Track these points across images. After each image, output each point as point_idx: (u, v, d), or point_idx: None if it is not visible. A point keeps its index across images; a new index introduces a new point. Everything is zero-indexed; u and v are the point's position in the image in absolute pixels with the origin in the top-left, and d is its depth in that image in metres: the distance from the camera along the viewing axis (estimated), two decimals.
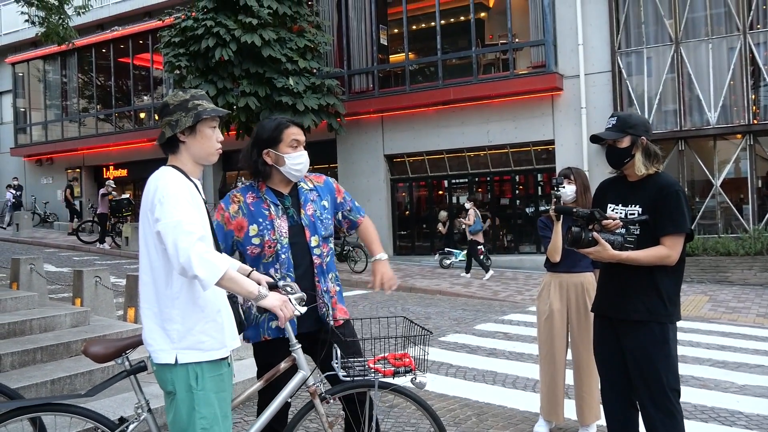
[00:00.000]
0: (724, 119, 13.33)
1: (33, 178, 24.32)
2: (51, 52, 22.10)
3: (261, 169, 2.98)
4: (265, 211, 2.96)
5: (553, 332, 4.21)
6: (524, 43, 15.31)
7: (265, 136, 2.98)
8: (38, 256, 8.50)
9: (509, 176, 16.07)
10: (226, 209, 2.99)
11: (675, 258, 2.91)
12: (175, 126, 2.44)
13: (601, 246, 2.88)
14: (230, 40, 13.27)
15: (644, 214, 2.95)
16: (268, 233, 2.92)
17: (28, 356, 5.01)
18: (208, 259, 2.23)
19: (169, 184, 2.34)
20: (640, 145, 3.00)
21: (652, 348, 2.93)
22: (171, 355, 2.36)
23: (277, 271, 2.91)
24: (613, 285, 3.07)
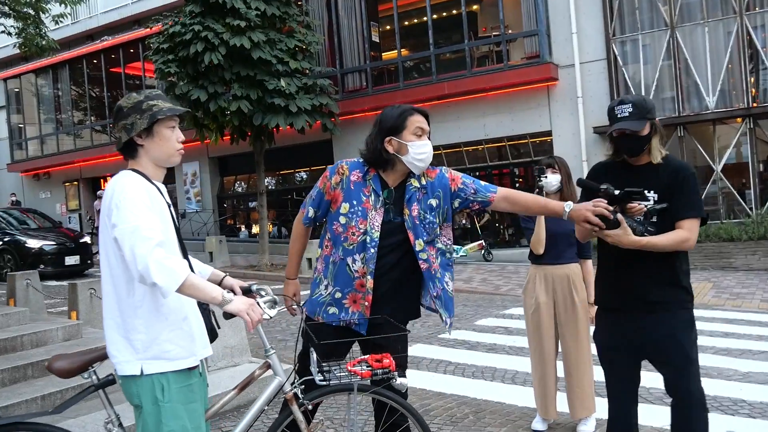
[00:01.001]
0: (723, 103, 13.19)
1: (31, 193, 24.27)
2: (42, 66, 22.05)
3: (384, 157, 2.82)
4: (364, 197, 2.82)
5: (540, 326, 4.11)
6: (517, 34, 15.19)
7: (389, 124, 2.84)
8: (34, 271, 8.44)
9: (508, 169, 15.95)
10: (329, 178, 2.89)
11: (694, 241, 2.80)
12: (131, 129, 2.34)
13: (622, 230, 2.69)
14: (219, 43, 13.13)
15: (659, 199, 2.83)
16: (357, 220, 2.79)
17: (19, 372, 4.92)
18: (167, 265, 2.13)
19: (126, 188, 2.24)
20: (657, 129, 2.86)
21: (681, 335, 2.83)
22: (136, 366, 2.26)
23: (356, 261, 2.79)
24: (629, 275, 2.88)
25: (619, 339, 2.95)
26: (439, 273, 2.88)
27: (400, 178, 2.89)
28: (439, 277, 2.87)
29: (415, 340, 7.18)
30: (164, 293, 2.16)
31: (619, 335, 2.95)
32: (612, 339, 2.99)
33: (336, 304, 2.84)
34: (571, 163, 14.04)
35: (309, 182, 19.00)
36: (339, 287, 2.83)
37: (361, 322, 2.82)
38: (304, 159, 18.02)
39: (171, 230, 2.39)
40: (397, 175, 2.88)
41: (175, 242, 2.40)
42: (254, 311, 2.30)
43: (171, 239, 2.37)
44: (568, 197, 4.04)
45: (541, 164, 4.12)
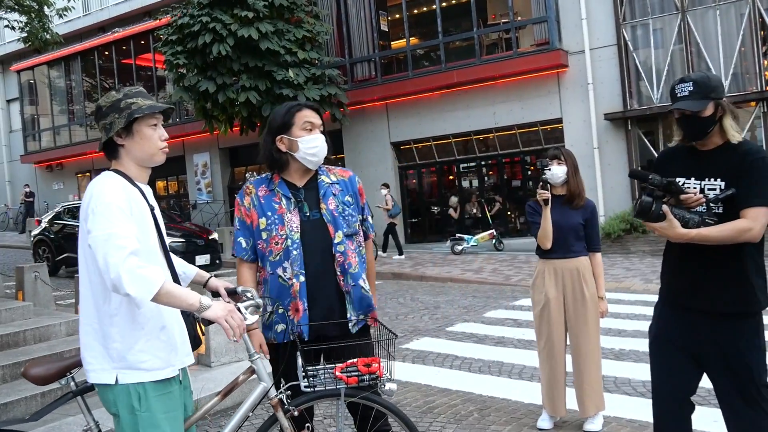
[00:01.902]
0: (736, 87, 12.94)
1: (44, 184, 24.44)
2: (55, 57, 22.13)
3: (276, 157, 2.77)
4: (276, 205, 2.76)
5: (550, 322, 4.01)
6: (526, 21, 14.98)
7: (278, 123, 2.78)
8: (42, 264, 8.47)
9: (519, 157, 15.79)
10: (241, 203, 2.82)
11: (758, 232, 2.48)
12: (110, 129, 2.25)
13: (668, 222, 2.49)
14: (227, 35, 13.11)
15: (728, 187, 2.54)
16: (276, 228, 2.72)
17: (20, 369, 4.91)
18: (140, 274, 2.04)
19: (104, 192, 2.16)
20: (727, 108, 2.58)
21: (743, 342, 2.56)
22: (111, 375, 2.20)
23: (286, 270, 2.70)
24: (692, 272, 2.64)
25: (673, 336, 2.72)
26: (355, 268, 2.78)
27: (305, 176, 2.83)
28: (353, 272, 2.77)
29: (422, 333, 7.12)
30: (138, 304, 2.08)
31: (672, 332, 2.72)
32: (665, 335, 2.76)
33: (282, 320, 2.74)
34: (582, 150, 13.89)
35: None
36: (280, 301, 2.73)
37: (301, 328, 2.69)
38: None
39: (152, 235, 2.29)
40: (300, 173, 2.82)
41: (156, 248, 2.31)
42: (234, 318, 2.19)
43: (151, 245, 2.28)
44: (574, 189, 3.97)
45: (547, 156, 4.02)
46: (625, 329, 6.74)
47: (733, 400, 2.61)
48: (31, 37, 8.26)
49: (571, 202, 3.98)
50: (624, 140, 13.78)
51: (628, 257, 12.44)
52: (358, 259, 2.80)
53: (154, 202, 2.39)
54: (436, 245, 15.73)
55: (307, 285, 2.71)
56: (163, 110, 2.33)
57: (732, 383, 2.59)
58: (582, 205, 4.00)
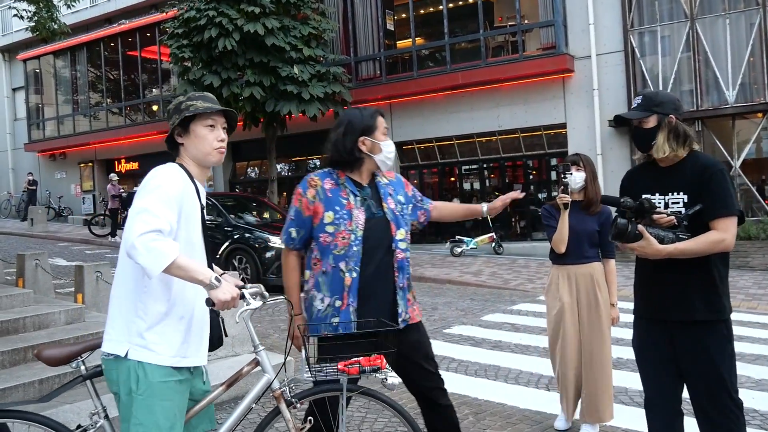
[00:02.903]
0: (744, 98, 12.92)
1: (47, 173, 24.45)
2: (61, 48, 22.14)
3: (357, 156, 2.92)
4: (344, 200, 2.87)
5: (565, 327, 4.03)
6: (533, 24, 14.98)
7: (362, 125, 2.94)
8: (43, 252, 8.46)
9: (521, 161, 15.78)
10: (303, 194, 2.91)
11: (731, 241, 2.64)
12: (173, 129, 2.46)
13: (645, 241, 2.62)
14: (233, 29, 13.09)
15: (690, 201, 2.70)
16: (344, 223, 2.83)
17: (19, 355, 4.93)
18: (154, 247, 2.14)
19: (159, 176, 2.31)
20: (666, 124, 2.73)
21: (715, 349, 2.68)
22: (123, 347, 2.28)
23: (347, 264, 2.81)
24: (665, 283, 2.77)
25: (656, 350, 2.83)
26: (408, 267, 2.96)
27: (367, 177, 2.99)
28: (407, 270, 2.95)
29: None
30: (149, 274, 2.16)
31: (656, 346, 2.83)
32: (648, 350, 2.88)
33: (338, 313, 2.84)
34: None
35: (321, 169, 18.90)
36: (337, 295, 2.84)
37: (346, 322, 2.81)
38: (316, 146, 17.76)
39: (197, 231, 2.43)
40: (365, 174, 2.98)
41: (200, 245, 2.45)
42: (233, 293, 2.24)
43: (195, 241, 2.42)
44: (592, 195, 4.03)
45: (567, 161, 4.09)
46: (624, 338, 6.72)
47: (707, 407, 2.71)
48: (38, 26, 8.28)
49: (588, 208, 4.03)
50: (628, 147, 13.76)
51: (628, 265, 12.40)
52: (407, 256, 2.98)
53: (204, 203, 2.52)
54: (436, 247, 15.72)
55: (362, 282, 2.82)
56: (224, 112, 2.47)
57: (705, 390, 2.70)
58: (598, 211, 4.05)
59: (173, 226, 2.26)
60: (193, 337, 2.39)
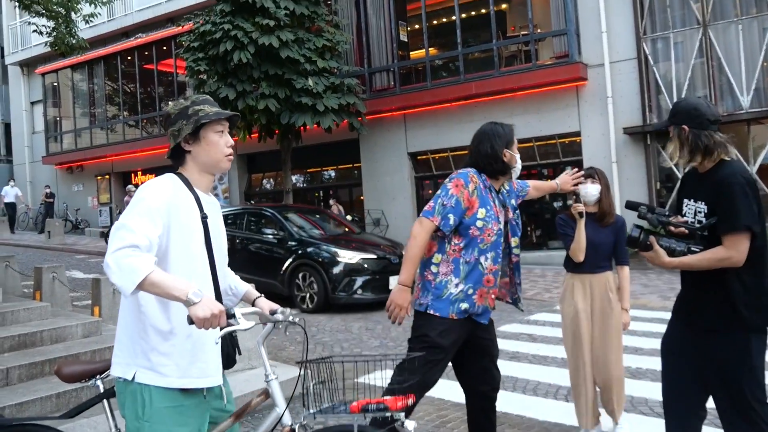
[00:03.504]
0: (758, 103, 12.82)
1: (65, 186, 24.72)
2: (79, 61, 22.39)
3: (501, 167, 3.26)
4: (492, 202, 3.20)
5: (580, 333, 4.12)
6: (546, 33, 14.97)
7: (506, 138, 3.27)
8: (61, 265, 8.55)
9: (536, 170, 15.70)
10: (465, 186, 3.16)
11: (738, 258, 2.61)
12: (178, 135, 2.32)
13: (654, 252, 2.73)
14: (248, 42, 13.21)
15: (709, 211, 2.73)
16: (491, 222, 3.16)
17: (36, 369, 4.98)
18: (126, 264, 2.01)
19: (147, 189, 2.24)
20: (677, 134, 2.83)
21: (731, 359, 2.68)
22: (131, 370, 2.20)
23: (487, 260, 3.16)
24: (687, 290, 2.90)
25: (679, 348, 2.89)
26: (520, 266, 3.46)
27: (499, 185, 3.35)
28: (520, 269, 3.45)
29: None
30: (123, 292, 2.05)
31: (679, 345, 2.90)
32: (672, 347, 2.96)
33: (467, 300, 3.15)
34: (601, 164, 13.84)
35: (336, 181, 19.01)
36: (471, 284, 3.16)
37: (482, 312, 3.22)
38: (331, 158, 18.02)
39: (196, 243, 2.29)
40: (499, 183, 3.34)
41: (199, 256, 2.30)
42: (213, 309, 2.02)
43: (194, 253, 2.27)
44: (606, 207, 4.17)
45: (582, 174, 4.17)
46: (642, 347, 6.67)
47: (732, 417, 2.70)
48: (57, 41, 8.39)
49: (602, 219, 4.15)
50: (643, 155, 13.68)
51: (646, 273, 12.32)
52: None
53: (211, 212, 2.37)
54: None
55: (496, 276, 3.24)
56: (229, 117, 2.40)
57: (729, 400, 2.70)
58: (612, 222, 4.17)
59: (153, 240, 2.12)
60: (203, 356, 2.25)
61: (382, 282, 9.54)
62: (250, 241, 10.84)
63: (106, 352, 5.45)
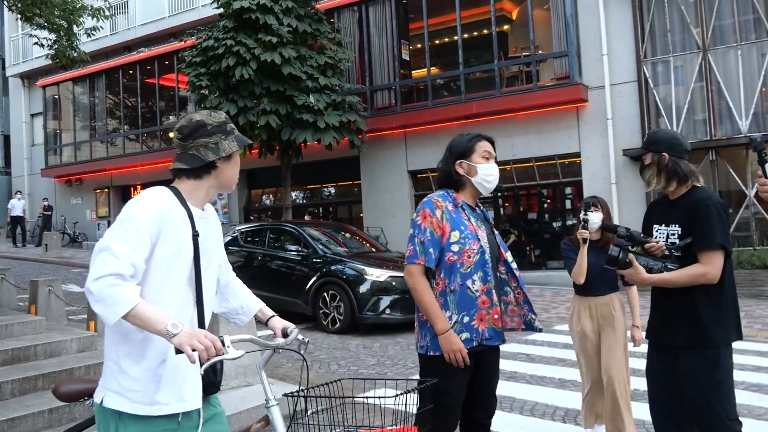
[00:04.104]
0: (757, 127, 12.86)
1: (63, 199, 24.69)
2: (80, 74, 22.48)
3: (455, 178, 3.09)
4: (465, 221, 3.01)
5: (589, 353, 4.35)
6: (547, 55, 15.05)
7: (460, 149, 3.11)
8: (57, 278, 8.49)
9: (535, 190, 15.75)
10: (432, 214, 3.00)
11: (714, 275, 2.79)
12: (217, 150, 2.23)
13: (633, 269, 2.83)
14: (250, 58, 13.26)
15: (684, 232, 2.90)
16: (470, 242, 2.96)
17: (29, 384, 4.93)
18: (110, 294, 1.93)
19: (136, 206, 2.11)
20: (655, 162, 3.00)
21: (700, 375, 2.80)
22: (100, 394, 2.12)
23: (474, 282, 2.94)
24: (657, 309, 3.04)
25: (658, 372, 3.01)
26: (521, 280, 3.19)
27: (474, 199, 3.16)
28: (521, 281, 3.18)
29: None
30: (105, 322, 1.98)
31: (657, 368, 3.02)
32: (651, 371, 3.07)
33: (467, 329, 2.95)
34: (600, 186, 13.84)
35: (336, 198, 19.01)
36: (465, 312, 2.95)
37: (492, 336, 2.99)
38: (331, 174, 18.03)
39: (183, 261, 2.17)
40: (472, 197, 3.14)
41: (183, 275, 2.18)
42: (201, 341, 1.93)
43: (179, 272, 2.16)
44: (608, 235, 4.29)
45: (586, 202, 4.38)
46: (640, 368, 6.61)
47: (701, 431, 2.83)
48: (58, 54, 8.40)
49: (605, 246, 4.25)
50: None
51: (643, 295, 12.23)
52: None
53: (205, 229, 2.27)
54: None
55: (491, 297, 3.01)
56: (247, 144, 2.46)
57: (695, 415, 2.83)
58: None
59: (138, 266, 2.03)
60: (178, 382, 2.12)
61: (411, 301, 9.33)
62: (271, 258, 10.63)
63: (100, 368, 5.39)
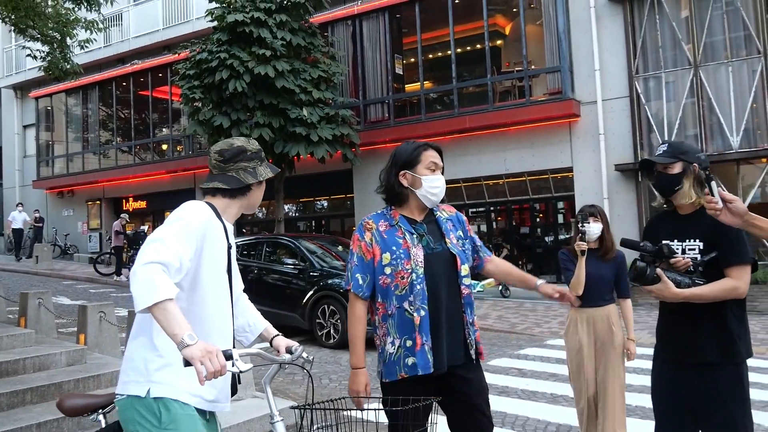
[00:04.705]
0: (747, 143, 12.97)
1: (54, 210, 24.57)
2: (73, 86, 22.45)
3: (398, 190, 2.90)
4: (399, 239, 2.82)
5: (583, 366, 4.23)
6: (540, 70, 15.15)
7: (403, 159, 2.91)
8: (47, 290, 8.43)
9: (528, 204, 15.80)
10: (361, 238, 2.87)
11: (744, 289, 2.75)
12: (255, 174, 2.46)
13: (663, 284, 2.72)
14: (244, 71, 13.29)
15: (706, 248, 2.80)
16: (402, 263, 2.77)
17: (17, 397, 4.87)
18: (151, 280, 2.01)
19: (187, 211, 2.27)
20: (691, 172, 2.85)
21: (727, 392, 2.73)
22: (143, 387, 2.19)
23: (411, 303, 2.74)
24: (680, 326, 2.88)
25: (671, 391, 2.90)
26: (473, 302, 2.91)
27: (423, 212, 2.94)
28: (473, 306, 2.90)
29: None
30: (135, 305, 2.04)
31: (670, 387, 2.91)
32: (663, 390, 2.95)
33: (411, 353, 2.74)
34: (592, 200, 13.89)
35: (328, 211, 18.99)
36: (407, 335, 2.76)
37: (423, 363, 2.71)
38: (324, 188, 18.04)
39: (221, 271, 2.37)
40: (419, 209, 2.93)
41: (223, 285, 2.38)
42: (211, 360, 1.97)
43: (219, 280, 2.35)
44: (608, 244, 4.28)
45: (584, 212, 4.29)
46: (632, 383, 6.61)
47: None
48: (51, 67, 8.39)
49: (605, 255, 4.27)
50: (634, 191, 13.77)
51: (636, 309, 12.29)
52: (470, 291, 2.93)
53: (233, 242, 2.49)
54: None
55: (431, 318, 2.75)
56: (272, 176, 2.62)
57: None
58: (613, 257, 4.30)
59: (184, 262, 2.15)
60: (216, 381, 2.24)
61: None
62: (267, 272, 10.53)
63: (90, 382, 5.35)
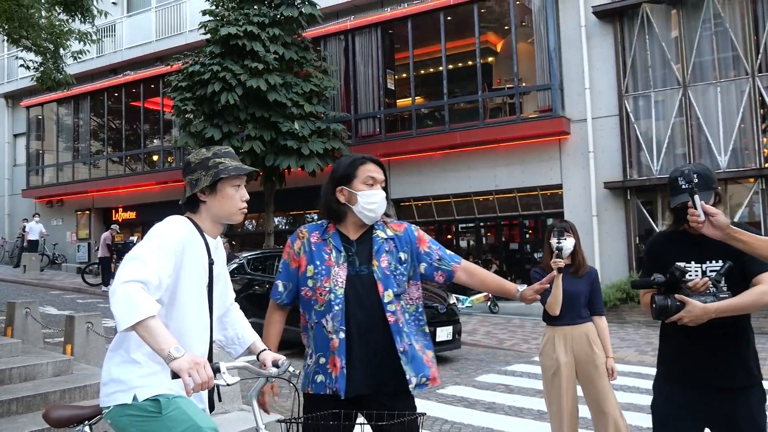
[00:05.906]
0: (735, 163, 13.12)
1: (43, 220, 24.35)
2: (65, 96, 22.38)
3: (334, 207, 2.73)
4: (325, 255, 2.69)
5: (561, 387, 4.06)
6: (531, 87, 15.29)
7: (340, 173, 2.75)
8: (34, 300, 8.37)
9: (517, 221, 15.88)
10: (291, 246, 2.79)
11: None
12: (195, 185, 2.39)
13: (690, 306, 2.55)
14: (236, 84, 13.34)
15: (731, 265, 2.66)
16: (322, 279, 2.65)
17: (3, 408, 4.84)
18: (132, 299, 2.01)
19: (165, 227, 2.28)
20: (720, 198, 2.80)
21: (758, 413, 2.63)
22: (128, 395, 2.21)
23: (328, 322, 2.61)
24: (700, 349, 2.71)
25: (687, 417, 2.75)
26: (407, 328, 2.67)
27: (360, 229, 2.76)
28: (407, 332, 2.66)
29: None
30: (117, 325, 2.04)
31: (687, 413, 2.75)
32: (678, 417, 2.78)
33: (322, 371, 2.62)
34: (581, 218, 13.93)
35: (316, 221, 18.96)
36: (321, 352, 2.64)
37: (338, 386, 2.56)
38: (314, 201, 17.62)
39: (200, 286, 2.36)
40: (356, 226, 2.76)
41: (202, 301, 2.37)
42: (199, 372, 1.98)
43: (197, 296, 2.34)
44: (580, 259, 4.20)
45: (558, 228, 4.17)
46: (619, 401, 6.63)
47: None
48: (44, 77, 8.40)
49: (578, 271, 4.17)
50: (623, 209, 13.88)
51: (623, 327, 12.36)
52: (407, 318, 2.71)
53: (217, 258, 2.46)
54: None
55: (350, 342, 2.60)
56: (248, 173, 2.46)
57: None
58: (586, 272, 4.20)
59: (163, 279, 2.16)
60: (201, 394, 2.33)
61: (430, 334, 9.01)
62: None
63: (76, 392, 5.32)
